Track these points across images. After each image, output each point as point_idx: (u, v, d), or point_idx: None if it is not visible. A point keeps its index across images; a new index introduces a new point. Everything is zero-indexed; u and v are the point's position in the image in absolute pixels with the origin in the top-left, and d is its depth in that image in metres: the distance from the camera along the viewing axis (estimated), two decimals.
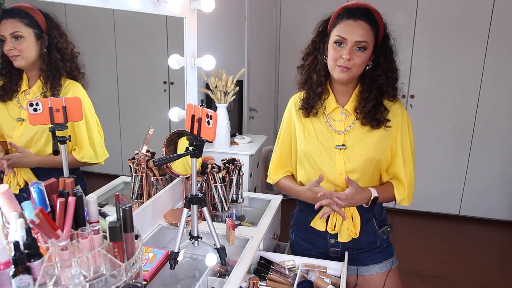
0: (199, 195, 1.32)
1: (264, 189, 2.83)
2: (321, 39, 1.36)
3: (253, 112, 3.34)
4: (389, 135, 1.36)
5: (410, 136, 1.38)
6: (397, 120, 1.36)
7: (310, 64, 1.39)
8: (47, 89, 1.21)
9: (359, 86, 1.36)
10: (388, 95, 1.35)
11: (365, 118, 1.34)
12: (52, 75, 1.22)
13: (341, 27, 1.27)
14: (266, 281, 1.39)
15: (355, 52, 1.26)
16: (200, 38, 1.99)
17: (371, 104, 1.32)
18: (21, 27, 1.14)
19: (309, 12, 3.64)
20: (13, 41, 1.14)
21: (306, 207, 1.51)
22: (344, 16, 1.27)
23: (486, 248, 3.33)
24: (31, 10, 1.17)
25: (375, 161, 1.36)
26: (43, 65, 1.21)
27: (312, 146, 1.40)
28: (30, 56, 1.18)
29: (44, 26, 1.19)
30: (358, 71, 1.30)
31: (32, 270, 0.79)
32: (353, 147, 1.36)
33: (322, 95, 1.39)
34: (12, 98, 1.20)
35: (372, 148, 1.35)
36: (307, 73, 1.40)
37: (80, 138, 1.29)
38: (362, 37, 1.24)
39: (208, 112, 1.21)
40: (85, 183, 1.36)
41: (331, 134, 1.38)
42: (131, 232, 0.94)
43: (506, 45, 3.31)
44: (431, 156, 3.64)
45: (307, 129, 1.42)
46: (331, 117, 1.40)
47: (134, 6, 1.45)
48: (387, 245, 1.49)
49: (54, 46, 1.21)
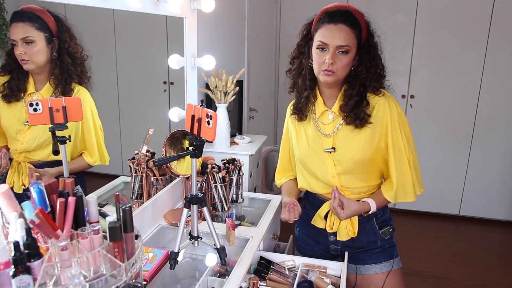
0: (199, 195, 1.32)
1: (264, 189, 2.83)
2: (306, 43, 1.37)
3: (253, 112, 3.34)
4: (378, 133, 1.33)
5: (403, 131, 1.33)
6: (384, 116, 1.32)
7: (297, 69, 1.40)
8: (58, 92, 1.21)
9: (345, 86, 1.35)
10: (370, 87, 1.32)
11: (349, 116, 1.32)
12: (64, 80, 1.22)
13: (322, 32, 1.27)
14: (266, 281, 1.40)
15: (337, 56, 1.26)
16: (200, 38, 1.99)
17: (353, 101, 1.31)
18: (32, 32, 1.13)
19: (309, 12, 3.61)
20: (24, 45, 1.13)
21: (309, 204, 1.53)
22: (325, 20, 1.27)
23: (486, 248, 3.33)
24: (42, 12, 1.16)
25: (366, 161, 1.35)
26: (54, 69, 1.20)
27: (304, 151, 1.42)
28: (40, 61, 1.17)
29: (54, 29, 1.18)
30: (343, 74, 1.30)
31: (32, 270, 0.79)
32: (342, 150, 1.36)
33: (310, 98, 1.39)
34: (19, 99, 1.19)
35: (360, 149, 1.33)
36: (294, 78, 1.41)
37: (90, 142, 1.30)
38: (344, 41, 1.24)
39: (208, 112, 1.21)
40: (85, 179, 1.36)
41: (320, 138, 1.39)
42: (131, 232, 0.94)
43: (506, 45, 3.31)
44: (431, 156, 3.64)
45: (299, 134, 1.44)
46: (320, 121, 1.40)
47: (134, 6, 1.45)
48: (390, 246, 1.48)
49: (65, 50, 1.21)
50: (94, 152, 1.32)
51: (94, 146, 1.32)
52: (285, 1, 3.76)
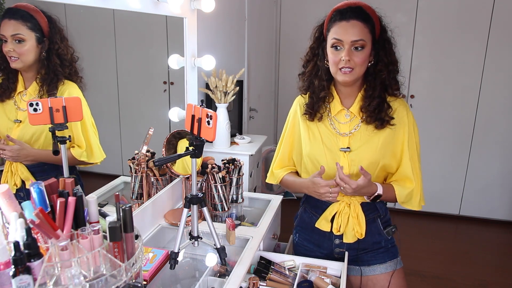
0: (199, 195, 1.32)
1: (264, 189, 2.83)
2: (319, 45, 1.36)
3: (253, 112, 3.34)
4: (394, 137, 1.35)
5: (416, 138, 1.38)
6: (403, 122, 1.35)
7: (311, 71, 1.39)
8: (43, 91, 1.21)
9: (365, 85, 1.35)
10: (391, 89, 1.34)
11: (370, 117, 1.33)
12: (49, 79, 1.21)
13: (335, 30, 1.27)
14: (266, 281, 1.39)
15: (353, 52, 1.25)
16: (200, 38, 1.99)
17: (376, 102, 1.32)
18: (23, 30, 1.13)
19: (309, 12, 3.64)
20: (14, 43, 1.13)
21: (311, 207, 1.50)
22: (337, 18, 1.27)
23: (486, 248, 3.33)
24: (36, 12, 1.16)
25: (380, 165, 1.35)
26: (41, 68, 1.20)
27: (317, 148, 1.39)
28: (28, 60, 1.17)
29: (46, 30, 1.18)
30: (361, 71, 1.29)
31: (32, 270, 0.79)
32: (358, 150, 1.35)
33: (326, 99, 1.38)
34: (9, 97, 1.19)
35: (377, 151, 1.34)
36: (309, 80, 1.40)
37: (78, 137, 1.29)
38: (358, 36, 1.24)
39: (208, 112, 1.21)
40: (82, 183, 1.36)
41: (336, 136, 1.38)
42: (131, 232, 0.94)
43: (506, 45, 3.31)
44: (431, 156, 3.64)
45: (312, 131, 1.41)
46: (335, 119, 1.39)
47: (134, 6, 1.45)
48: (392, 246, 1.48)
49: (54, 51, 1.20)
50: (81, 146, 1.30)
51: (81, 139, 1.30)
52: (285, 1, 3.76)
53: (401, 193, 1.37)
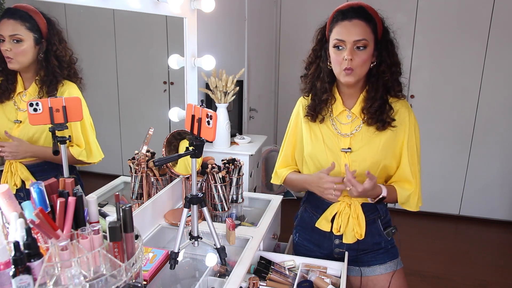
0: (199, 195, 1.32)
1: (264, 189, 2.83)
2: (322, 47, 1.36)
3: (253, 112, 3.34)
4: (396, 139, 1.35)
5: (416, 140, 1.37)
6: (404, 123, 1.35)
7: (314, 73, 1.38)
8: (43, 92, 1.21)
9: (367, 87, 1.35)
10: (394, 91, 1.34)
11: (371, 118, 1.33)
12: (48, 81, 1.21)
13: (337, 30, 1.27)
14: (266, 281, 1.39)
15: (356, 52, 1.25)
16: (200, 38, 1.99)
17: (377, 103, 1.32)
18: (22, 31, 1.13)
19: (309, 12, 3.64)
20: (12, 43, 1.12)
21: (311, 207, 1.51)
22: (339, 18, 1.27)
23: (486, 248, 3.33)
24: (35, 13, 1.15)
25: (381, 165, 1.35)
26: (40, 70, 1.20)
27: (318, 148, 1.39)
28: (25, 61, 1.17)
29: (45, 31, 1.18)
30: (363, 71, 1.29)
31: (32, 270, 0.79)
32: (359, 151, 1.35)
33: (328, 101, 1.38)
34: (9, 98, 1.19)
35: (378, 152, 1.34)
36: (311, 82, 1.40)
37: (77, 136, 1.29)
38: (360, 36, 1.24)
39: (208, 112, 1.21)
40: (82, 183, 1.36)
41: (337, 137, 1.38)
42: (131, 232, 0.94)
43: (506, 45, 3.31)
44: (431, 156, 3.64)
45: (314, 132, 1.42)
46: (337, 119, 1.39)
47: (134, 6, 1.45)
48: (392, 246, 1.49)
49: (52, 53, 1.20)
50: (80, 145, 1.30)
51: (80, 139, 1.30)
52: (285, 1, 3.76)
53: (402, 194, 1.37)
